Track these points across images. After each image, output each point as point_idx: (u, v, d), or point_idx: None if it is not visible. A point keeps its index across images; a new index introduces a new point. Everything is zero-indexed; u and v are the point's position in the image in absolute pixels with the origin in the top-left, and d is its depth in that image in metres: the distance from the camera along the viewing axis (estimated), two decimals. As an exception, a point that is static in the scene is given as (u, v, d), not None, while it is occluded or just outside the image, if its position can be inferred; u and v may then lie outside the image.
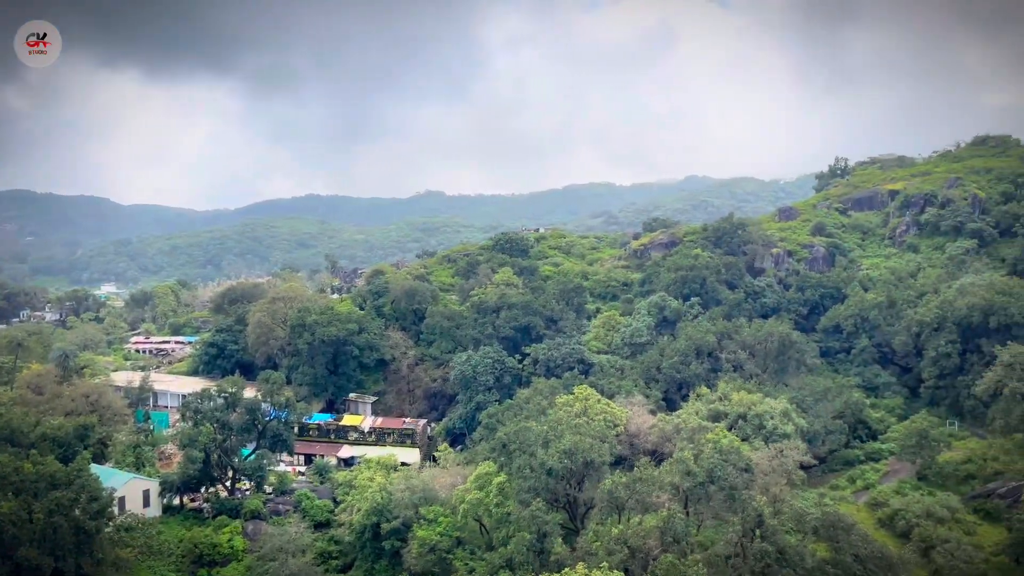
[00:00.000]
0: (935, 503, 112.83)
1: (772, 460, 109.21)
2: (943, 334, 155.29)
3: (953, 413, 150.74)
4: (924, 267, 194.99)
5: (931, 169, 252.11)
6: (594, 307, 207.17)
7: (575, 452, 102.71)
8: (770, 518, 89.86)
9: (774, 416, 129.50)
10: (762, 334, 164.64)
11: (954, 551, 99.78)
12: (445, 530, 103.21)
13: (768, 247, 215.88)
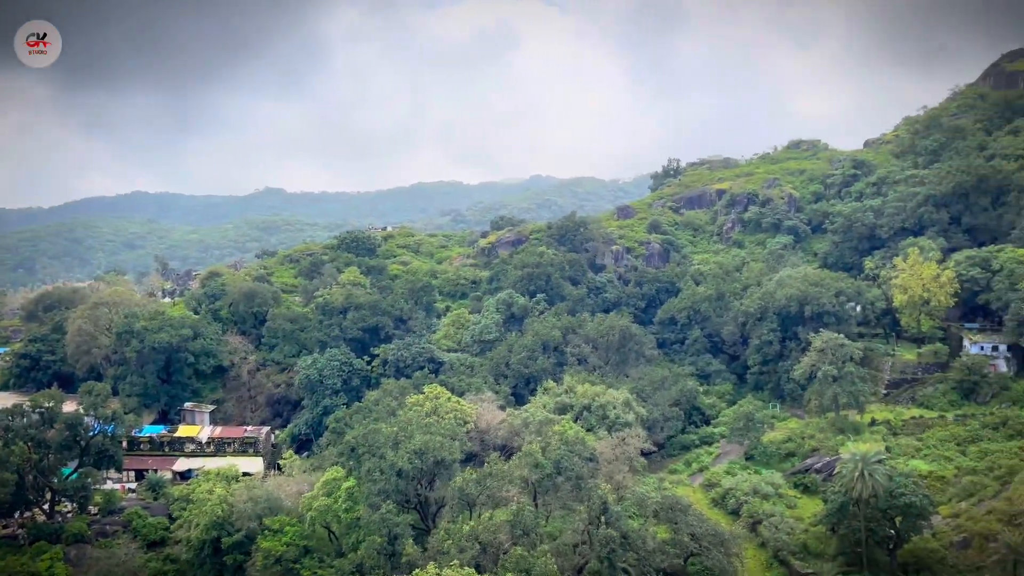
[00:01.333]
0: (761, 481, 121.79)
1: (615, 448, 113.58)
2: (765, 323, 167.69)
3: (775, 396, 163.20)
4: (748, 261, 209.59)
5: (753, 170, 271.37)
6: (443, 305, 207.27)
7: (426, 452, 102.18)
8: (614, 505, 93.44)
9: (616, 406, 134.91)
10: (604, 328, 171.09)
11: (778, 524, 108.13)
12: (292, 539, 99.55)
13: (608, 244, 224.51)
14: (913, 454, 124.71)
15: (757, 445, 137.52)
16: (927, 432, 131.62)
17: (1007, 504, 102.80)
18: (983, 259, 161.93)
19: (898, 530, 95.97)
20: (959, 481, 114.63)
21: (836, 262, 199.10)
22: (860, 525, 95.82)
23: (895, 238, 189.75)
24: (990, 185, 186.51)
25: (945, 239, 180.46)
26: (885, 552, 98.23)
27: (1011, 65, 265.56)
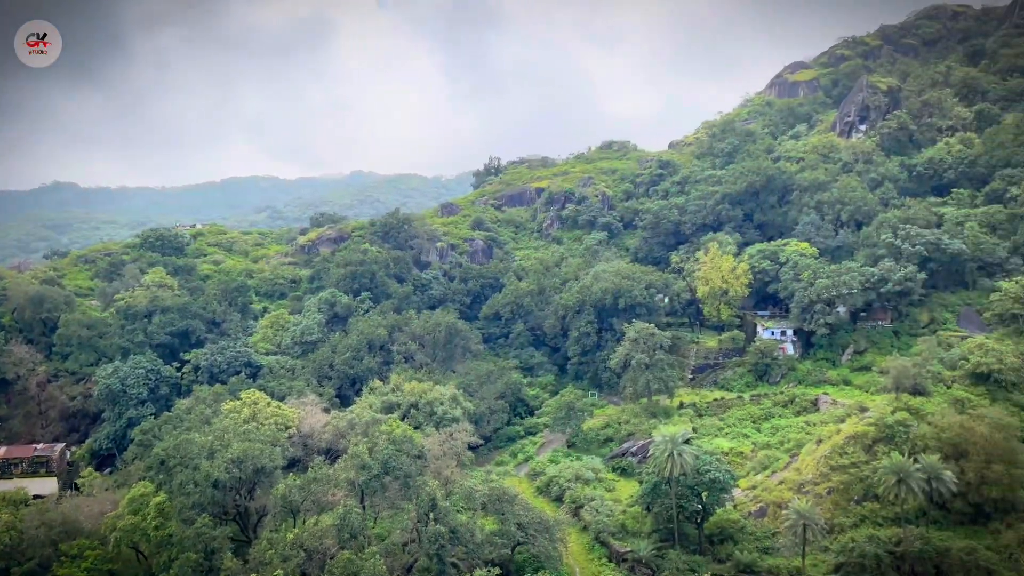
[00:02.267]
0: (582, 467, 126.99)
1: (443, 444, 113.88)
2: (583, 316, 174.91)
3: (594, 385, 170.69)
4: (567, 257, 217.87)
5: (569, 169, 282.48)
6: (261, 306, 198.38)
7: (244, 460, 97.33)
8: (443, 500, 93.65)
9: (444, 402, 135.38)
10: (430, 325, 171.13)
11: (598, 507, 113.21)
12: (93, 564, 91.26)
13: (433, 241, 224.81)
14: (716, 433, 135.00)
15: (578, 433, 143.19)
16: (728, 412, 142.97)
17: (796, 474, 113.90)
18: (772, 252, 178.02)
19: (704, 504, 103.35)
20: (755, 455, 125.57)
21: (646, 256, 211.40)
22: (672, 502, 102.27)
23: (697, 233, 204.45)
24: (777, 185, 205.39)
25: (740, 234, 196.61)
26: (694, 526, 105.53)
27: (792, 76, 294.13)
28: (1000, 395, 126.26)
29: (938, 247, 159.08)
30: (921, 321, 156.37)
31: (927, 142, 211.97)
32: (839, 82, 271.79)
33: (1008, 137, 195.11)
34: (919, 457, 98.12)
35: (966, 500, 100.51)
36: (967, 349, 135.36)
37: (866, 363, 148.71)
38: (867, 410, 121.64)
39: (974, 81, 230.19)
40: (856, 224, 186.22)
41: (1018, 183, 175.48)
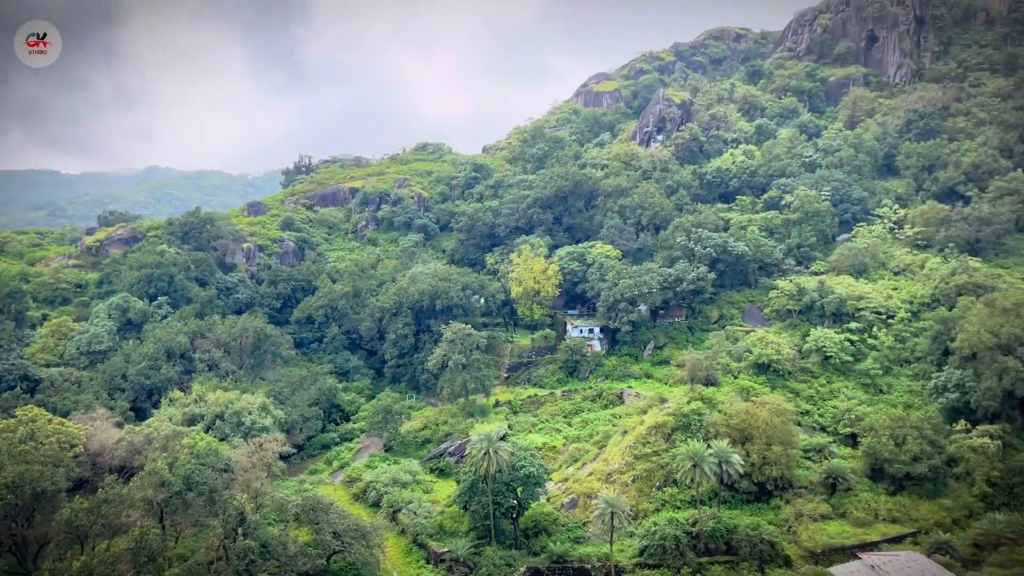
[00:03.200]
0: (400, 470, 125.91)
1: (252, 455, 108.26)
2: (400, 318, 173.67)
3: (412, 387, 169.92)
4: (383, 259, 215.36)
5: (384, 170, 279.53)
6: (40, 314, 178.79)
7: (21, 484, 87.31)
8: (252, 514, 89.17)
9: (253, 411, 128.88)
10: (237, 330, 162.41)
11: (416, 510, 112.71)
12: None
13: (239, 242, 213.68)
14: (530, 429, 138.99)
15: (396, 436, 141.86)
16: (541, 408, 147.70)
17: (604, 465, 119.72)
18: (580, 254, 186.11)
19: (520, 499, 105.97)
20: (567, 449, 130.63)
21: (462, 258, 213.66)
22: (488, 500, 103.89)
23: (511, 236, 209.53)
24: (584, 190, 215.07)
25: (551, 237, 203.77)
26: (510, 521, 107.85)
27: (597, 86, 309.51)
28: (779, 383, 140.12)
29: (725, 249, 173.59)
30: (712, 317, 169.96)
31: (715, 153, 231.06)
32: (639, 94, 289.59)
33: (783, 150, 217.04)
34: (711, 443, 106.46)
35: (751, 480, 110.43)
36: (750, 342, 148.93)
37: (665, 357, 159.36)
38: (666, 401, 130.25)
39: (754, 98, 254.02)
40: (655, 228, 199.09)
41: (791, 191, 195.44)
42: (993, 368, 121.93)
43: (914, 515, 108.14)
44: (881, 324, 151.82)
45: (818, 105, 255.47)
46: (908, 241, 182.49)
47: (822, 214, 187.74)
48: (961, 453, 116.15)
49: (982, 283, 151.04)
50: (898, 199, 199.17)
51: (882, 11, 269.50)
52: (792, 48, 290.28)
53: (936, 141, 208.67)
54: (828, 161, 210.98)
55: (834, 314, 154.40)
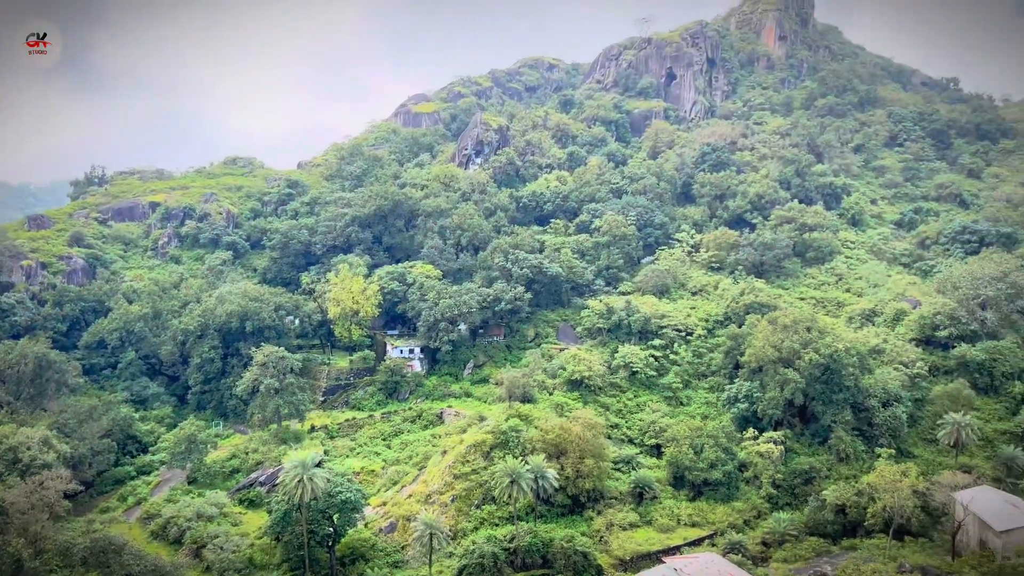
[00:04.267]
0: (204, 503, 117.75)
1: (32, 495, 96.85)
2: (206, 341, 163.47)
3: (219, 414, 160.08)
4: (187, 277, 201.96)
5: (189, 183, 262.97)
6: None
7: None
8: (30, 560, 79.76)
9: (32, 446, 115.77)
10: (14, 357, 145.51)
11: (223, 544, 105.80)
12: None
13: (17, 259, 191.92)
14: (348, 454, 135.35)
15: (201, 467, 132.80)
16: (360, 431, 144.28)
17: (424, 486, 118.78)
18: (400, 274, 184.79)
19: (336, 527, 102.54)
20: (386, 472, 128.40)
21: (275, 277, 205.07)
22: (302, 529, 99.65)
23: (328, 255, 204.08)
24: (404, 210, 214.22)
25: (370, 256, 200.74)
26: (325, 549, 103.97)
27: (416, 107, 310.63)
28: (591, 398, 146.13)
29: (541, 270, 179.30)
30: (529, 336, 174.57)
31: (531, 177, 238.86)
32: (457, 117, 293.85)
33: (592, 177, 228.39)
34: (528, 458, 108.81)
35: (566, 493, 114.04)
36: (564, 359, 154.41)
37: (485, 376, 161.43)
38: (485, 419, 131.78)
39: (566, 126, 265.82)
40: (474, 248, 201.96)
41: (600, 216, 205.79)
42: (776, 379, 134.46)
43: (711, 518, 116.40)
44: (681, 341, 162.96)
45: (624, 135, 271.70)
46: (704, 264, 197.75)
47: (628, 238, 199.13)
48: (750, 459, 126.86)
49: (766, 302, 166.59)
50: (695, 225, 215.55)
51: (679, 51, 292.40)
52: (600, 80, 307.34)
53: (726, 173, 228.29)
54: (633, 188, 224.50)
55: (640, 332, 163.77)
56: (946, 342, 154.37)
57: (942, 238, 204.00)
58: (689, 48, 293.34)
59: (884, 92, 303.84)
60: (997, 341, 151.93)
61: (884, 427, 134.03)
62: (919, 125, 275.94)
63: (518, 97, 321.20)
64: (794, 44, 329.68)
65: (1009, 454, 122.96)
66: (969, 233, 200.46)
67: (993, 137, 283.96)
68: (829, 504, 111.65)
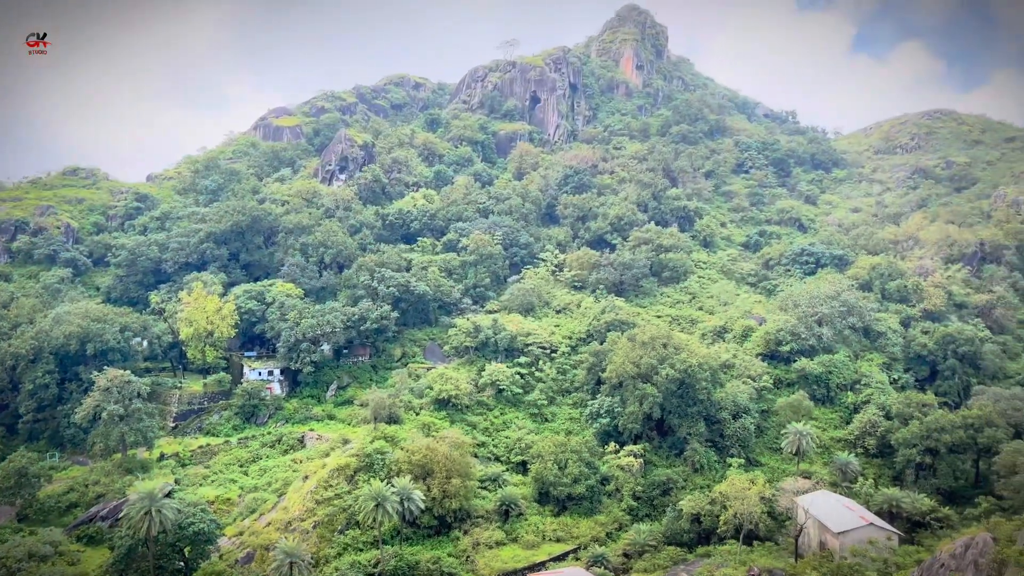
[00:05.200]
0: (37, 542, 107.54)
1: None
2: (40, 365, 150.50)
3: (55, 444, 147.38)
4: (18, 296, 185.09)
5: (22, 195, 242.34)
6: None
7: None
8: None
9: None
10: None
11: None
12: None
13: None
14: (202, 482, 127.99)
15: (32, 503, 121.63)
16: (214, 458, 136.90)
17: (284, 513, 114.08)
18: (258, 292, 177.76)
19: (187, 560, 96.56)
20: (243, 500, 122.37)
21: (121, 296, 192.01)
22: (149, 565, 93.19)
23: (180, 272, 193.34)
24: (263, 226, 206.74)
25: (226, 274, 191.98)
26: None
27: (277, 120, 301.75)
28: (458, 417, 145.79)
29: (408, 288, 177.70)
30: (395, 355, 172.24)
31: (397, 195, 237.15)
32: (320, 132, 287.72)
33: (459, 196, 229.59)
34: (394, 480, 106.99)
35: (432, 514, 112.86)
36: (431, 379, 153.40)
37: (349, 397, 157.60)
38: (349, 442, 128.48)
39: (433, 145, 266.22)
40: (338, 266, 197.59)
41: (467, 235, 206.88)
42: (635, 394, 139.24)
43: (575, 532, 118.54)
44: (546, 358, 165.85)
45: (490, 156, 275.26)
46: (567, 282, 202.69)
47: (495, 257, 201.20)
48: (612, 472, 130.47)
49: (626, 320, 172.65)
50: (559, 245, 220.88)
51: (542, 76, 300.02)
52: (467, 101, 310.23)
53: (588, 195, 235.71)
54: (500, 208, 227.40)
55: (506, 350, 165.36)
56: (788, 356, 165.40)
57: (784, 259, 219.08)
58: (552, 73, 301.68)
59: (732, 122, 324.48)
60: (832, 355, 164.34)
61: (734, 438, 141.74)
62: (763, 154, 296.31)
63: (384, 114, 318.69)
64: (650, 74, 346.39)
65: (844, 460, 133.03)
66: (807, 255, 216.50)
67: (826, 166, 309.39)
68: (685, 514, 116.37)
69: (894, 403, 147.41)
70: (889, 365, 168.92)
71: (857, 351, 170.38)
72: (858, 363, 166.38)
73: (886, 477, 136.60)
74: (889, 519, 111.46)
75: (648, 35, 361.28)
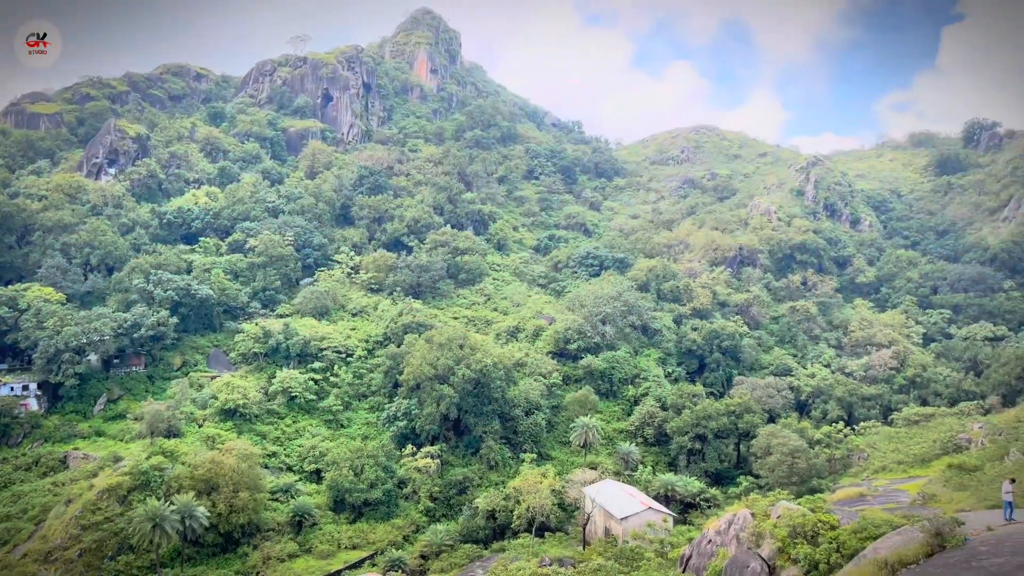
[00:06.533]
0: None
1: None
2: None
3: None
4: None
5: None
6: None
7: None
8: None
9: None
10: None
11: None
12: None
13: None
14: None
15: None
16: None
17: (42, 543, 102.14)
18: (10, 298, 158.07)
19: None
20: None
21: None
22: None
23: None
24: (15, 223, 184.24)
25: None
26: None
27: (32, 106, 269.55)
28: (246, 427, 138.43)
29: (189, 292, 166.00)
30: (175, 364, 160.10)
31: (176, 192, 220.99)
32: (85, 121, 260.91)
33: (246, 194, 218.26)
34: (174, 498, 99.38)
35: (218, 531, 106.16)
36: (216, 388, 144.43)
37: (121, 411, 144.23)
38: (122, 459, 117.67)
39: (216, 140, 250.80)
40: (108, 269, 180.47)
41: (255, 235, 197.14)
42: (432, 396, 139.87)
43: (371, 538, 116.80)
44: (342, 363, 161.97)
45: (280, 153, 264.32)
46: (364, 285, 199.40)
47: (286, 258, 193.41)
48: (409, 475, 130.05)
49: (423, 322, 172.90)
50: (354, 246, 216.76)
51: (335, 73, 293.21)
52: (254, 95, 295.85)
53: (384, 196, 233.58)
54: (291, 208, 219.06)
55: (299, 355, 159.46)
56: (575, 354, 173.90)
57: (571, 262, 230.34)
58: (345, 72, 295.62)
59: (523, 130, 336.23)
60: (615, 351, 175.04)
61: (527, 434, 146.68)
62: (551, 161, 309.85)
63: (160, 105, 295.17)
64: (444, 78, 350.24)
65: (626, 449, 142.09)
66: (592, 258, 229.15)
67: (609, 175, 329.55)
68: (481, 511, 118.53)
69: (669, 395, 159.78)
70: (664, 360, 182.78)
71: (637, 347, 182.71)
72: (638, 359, 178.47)
73: (663, 463, 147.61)
74: (665, 502, 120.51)
75: (442, 39, 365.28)
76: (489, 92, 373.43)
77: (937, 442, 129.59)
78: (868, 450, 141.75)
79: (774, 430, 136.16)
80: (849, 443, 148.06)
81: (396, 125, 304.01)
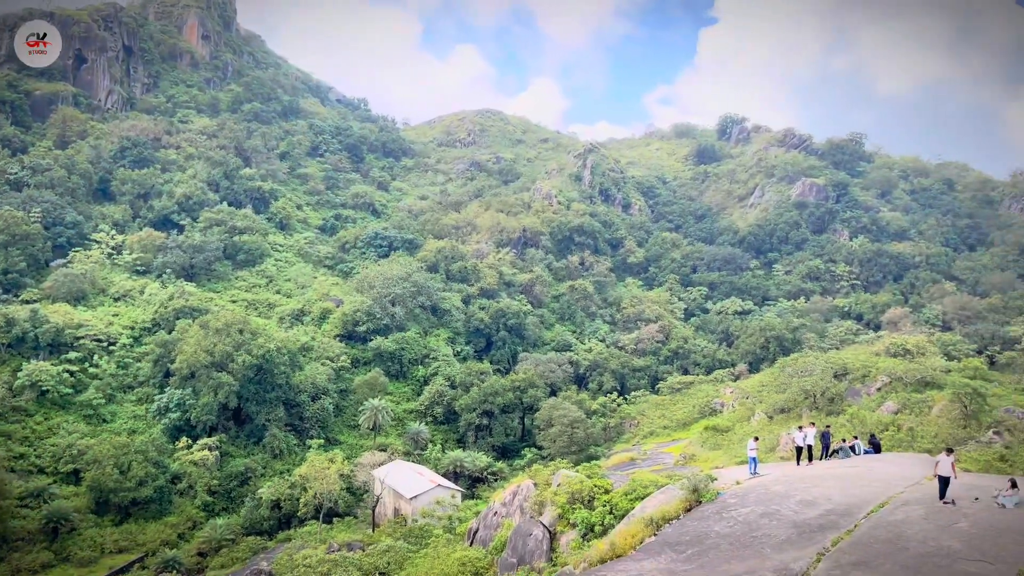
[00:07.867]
0: None
1: None
2: None
3: None
4: None
5: None
6: None
7: None
8: None
9: None
10: None
11: None
12: None
13: None
14: None
15: None
16: None
17: None
18: None
19: None
20: None
21: None
22: None
23: None
24: None
25: None
26: None
27: None
28: None
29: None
30: None
31: None
32: None
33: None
34: None
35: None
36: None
37: None
38: None
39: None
40: None
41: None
42: (210, 384, 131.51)
43: (141, 539, 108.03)
44: (103, 352, 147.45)
45: (24, 119, 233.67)
46: (128, 267, 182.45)
47: (33, 237, 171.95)
48: (184, 469, 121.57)
49: (198, 306, 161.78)
50: (116, 225, 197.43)
51: (89, 32, 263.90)
52: None
53: (150, 170, 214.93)
54: (37, 181, 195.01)
55: (50, 345, 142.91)
56: (365, 336, 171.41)
57: (359, 243, 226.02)
58: (102, 32, 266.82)
59: (306, 105, 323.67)
60: (404, 332, 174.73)
61: (314, 420, 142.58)
62: (337, 139, 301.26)
63: None
64: (218, 46, 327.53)
65: (415, 429, 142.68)
66: (380, 239, 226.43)
67: (396, 155, 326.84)
68: (265, 501, 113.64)
69: (458, 373, 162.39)
70: (453, 339, 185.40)
71: (426, 328, 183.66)
72: (427, 339, 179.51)
73: (452, 441, 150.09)
74: (455, 478, 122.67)
75: (215, 3, 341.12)
76: (268, 64, 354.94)
77: (696, 407, 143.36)
78: (638, 417, 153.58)
79: (555, 403, 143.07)
80: (622, 412, 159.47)
81: (164, 93, 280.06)
